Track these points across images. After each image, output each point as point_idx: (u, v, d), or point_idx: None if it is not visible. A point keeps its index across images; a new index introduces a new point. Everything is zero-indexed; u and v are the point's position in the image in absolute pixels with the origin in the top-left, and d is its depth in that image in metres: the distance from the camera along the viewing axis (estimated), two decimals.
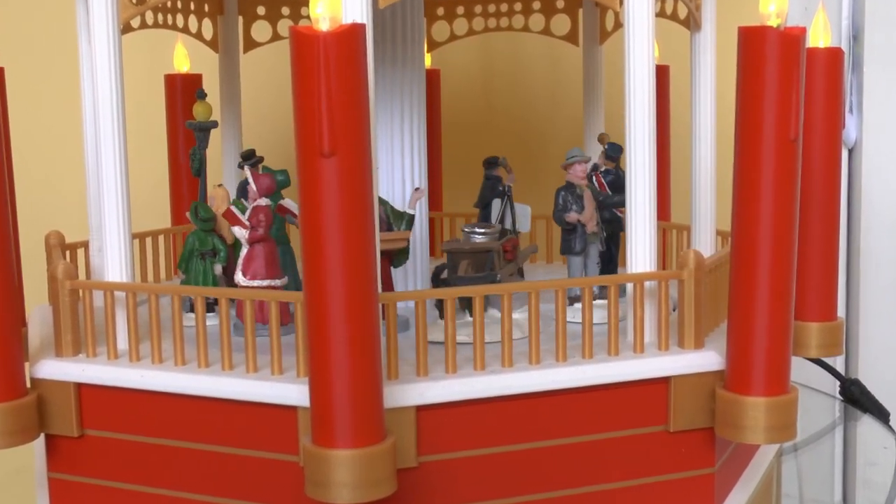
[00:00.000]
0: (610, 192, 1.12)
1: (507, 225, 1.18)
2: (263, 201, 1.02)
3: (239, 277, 1.01)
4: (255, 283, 1.01)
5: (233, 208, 1.02)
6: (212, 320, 1.03)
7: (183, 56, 1.37)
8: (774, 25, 0.84)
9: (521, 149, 1.71)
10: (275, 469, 0.88)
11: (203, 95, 1.21)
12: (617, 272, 1.14)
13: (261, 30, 1.40)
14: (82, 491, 0.96)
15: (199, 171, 1.20)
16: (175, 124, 1.37)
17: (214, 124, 1.21)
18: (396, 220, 1.07)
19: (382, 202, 1.05)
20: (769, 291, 0.87)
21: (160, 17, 1.26)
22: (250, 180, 1.03)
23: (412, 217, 1.07)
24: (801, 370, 1.21)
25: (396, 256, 1.06)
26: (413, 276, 1.17)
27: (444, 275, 1.03)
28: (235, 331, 0.99)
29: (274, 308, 0.88)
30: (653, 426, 0.93)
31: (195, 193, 1.24)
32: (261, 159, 1.06)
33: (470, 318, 0.97)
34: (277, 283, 1.02)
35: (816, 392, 1.46)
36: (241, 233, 1.02)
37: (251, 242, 1.01)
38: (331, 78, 0.72)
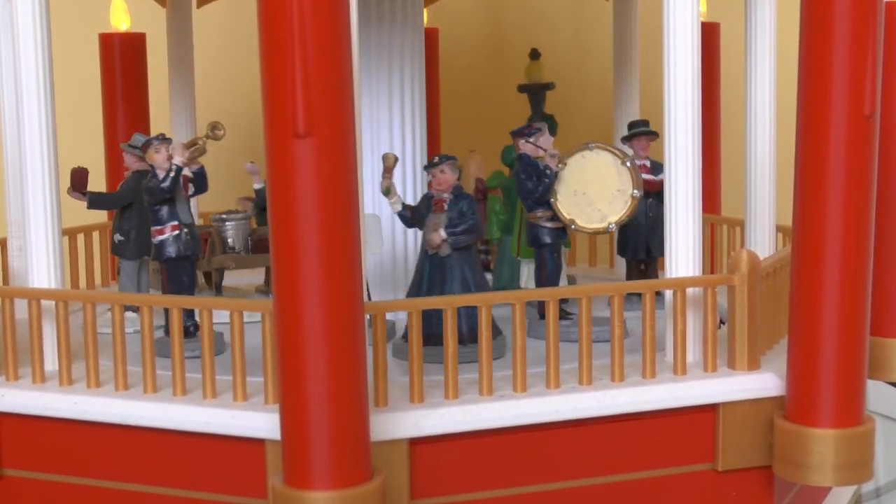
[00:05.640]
0: None
1: None
2: None
3: None
4: None
5: None
6: None
7: (121, 11, 1.37)
8: None
9: None
10: None
11: (537, 55, 1.33)
12: None
13: None
14: None
15: None
16: (112, 93, 1.36)
17: (551, 85, 1.31)
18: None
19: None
20: (839, 301, 0.88)
21: None
22: None
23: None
24: (882, 397, 1.23)
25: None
26: (406, 282, 1.18)
27: None
28: None
29: (237, 320, 0.90)
30: (697, 464, 0.95)
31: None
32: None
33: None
34: None
35: None
36: None
37: None
38: (307, 41, 0.73)
